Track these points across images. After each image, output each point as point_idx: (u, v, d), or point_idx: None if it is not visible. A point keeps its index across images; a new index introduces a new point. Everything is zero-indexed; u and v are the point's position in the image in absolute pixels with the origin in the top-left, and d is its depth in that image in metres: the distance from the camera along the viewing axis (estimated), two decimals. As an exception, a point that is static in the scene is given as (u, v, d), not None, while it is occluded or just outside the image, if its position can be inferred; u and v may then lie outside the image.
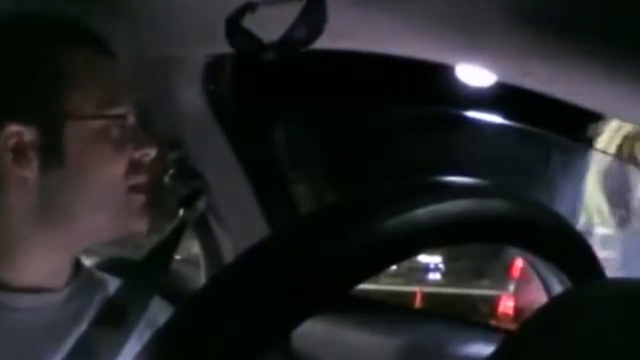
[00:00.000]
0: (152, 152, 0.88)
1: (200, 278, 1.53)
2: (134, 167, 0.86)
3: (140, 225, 0.89)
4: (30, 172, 0.82)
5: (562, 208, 0.51)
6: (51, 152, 0.82)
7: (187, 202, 1.23)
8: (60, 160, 0.82)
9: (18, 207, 0.83)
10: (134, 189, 0.87)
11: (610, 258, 1.79)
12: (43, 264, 0.86)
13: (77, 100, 0.83)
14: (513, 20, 0.73)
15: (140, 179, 0.87)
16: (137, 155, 0.87)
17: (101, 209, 0.85)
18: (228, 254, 1.44)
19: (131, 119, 0.87)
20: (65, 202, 0.83)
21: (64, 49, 0.84)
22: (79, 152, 0.82)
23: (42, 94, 0.82)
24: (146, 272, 1.02)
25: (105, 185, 0.84)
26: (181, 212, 1.20)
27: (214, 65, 1.33)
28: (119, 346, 0.88)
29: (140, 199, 0.87)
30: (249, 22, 0.83)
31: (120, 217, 0.87)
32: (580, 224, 1.78)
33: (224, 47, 0.86)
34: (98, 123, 0.83)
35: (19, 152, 0.81)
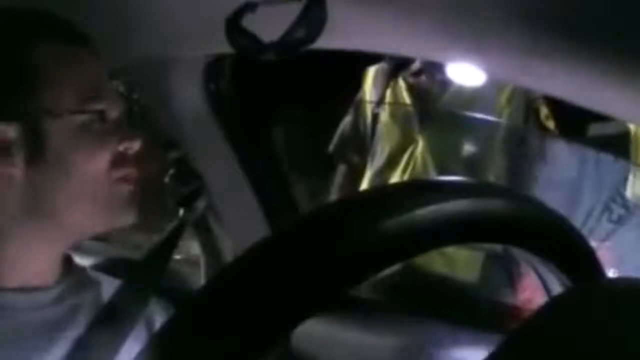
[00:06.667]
0: (135, 145, 0.89)
1: (200, 278, 1.53)
2: (119, 159, 0.87)
3: (128, 218, 0.89)
4: (16, 169, 0.82)
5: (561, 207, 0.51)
6: (35, 148, 0.82)
7: (187, 202, 1.23)
8: (43, 156, 0.83)
9: (6, 205, 0.84)
10: (119, 181, 0.88)
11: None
12: (33, 261, 0.86)
13: (56, 96, 0.83)
14: (513, 20, 0.73)
15: (126, 171, 0.88)
16: (121, 148, 0.88)
17: (87, 202, 0.86)
18: (228, 254, 1.44)
19: (113, 113, 0.87)
20: (52, 197, 0.84)
21: (39, 45, 0.84)
22: (61, 147, 0.83)
23: (21, 92, 0.83)
24: (145, 272, 1.02)
25: (89, 178, 0.85)
26: (181, 212, 1.20)
27: (214, 65, 1.33)
28: (116, 346, 0.88)
29: (126, 190, 0.88)
30: (249, 22, 0.83)
31: (106, 210, 0.87)
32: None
33: (224, 47, 0.86)
34: (79, 118, 0.84)
35: (4, 150, 0.82)
